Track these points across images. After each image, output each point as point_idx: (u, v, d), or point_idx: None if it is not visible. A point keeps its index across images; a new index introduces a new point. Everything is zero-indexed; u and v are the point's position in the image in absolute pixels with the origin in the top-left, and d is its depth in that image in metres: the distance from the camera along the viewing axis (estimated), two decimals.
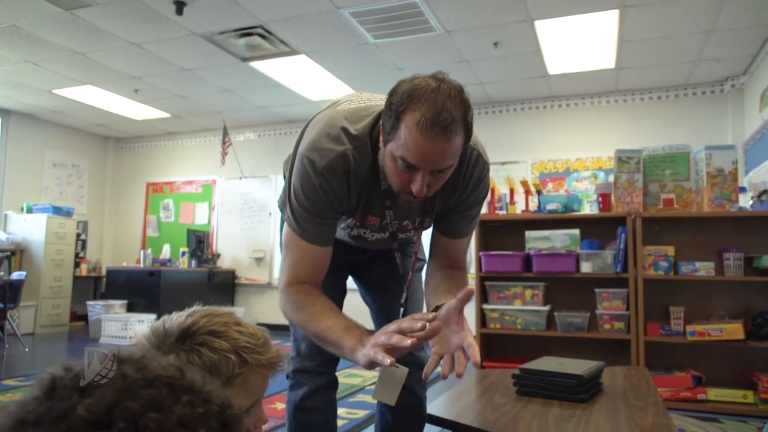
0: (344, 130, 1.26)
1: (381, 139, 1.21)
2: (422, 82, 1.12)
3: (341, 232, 1.44)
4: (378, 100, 1.36)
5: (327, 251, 1.33)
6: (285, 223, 1.37)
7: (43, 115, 7.00)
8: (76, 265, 7.06)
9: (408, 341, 1.03)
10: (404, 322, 1.08)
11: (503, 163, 5.91)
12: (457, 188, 1.36)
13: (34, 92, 6.06)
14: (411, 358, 1.47)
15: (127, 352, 0.51)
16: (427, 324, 1.05)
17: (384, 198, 1.33)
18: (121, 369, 0.49)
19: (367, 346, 1.09)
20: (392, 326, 1.09)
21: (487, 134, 6.25)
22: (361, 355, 1.10)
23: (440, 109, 1.08)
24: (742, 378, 3.09)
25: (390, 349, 1.06)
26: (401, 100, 1.12)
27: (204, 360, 0.82)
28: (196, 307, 0.91)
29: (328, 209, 1.28)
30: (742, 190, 3.30)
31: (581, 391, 1.66)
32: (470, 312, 2.27)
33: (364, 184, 1.30)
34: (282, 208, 1.50)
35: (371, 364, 1.08)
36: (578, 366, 1.78)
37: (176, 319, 0.87)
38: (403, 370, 1.11)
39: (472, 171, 1.35)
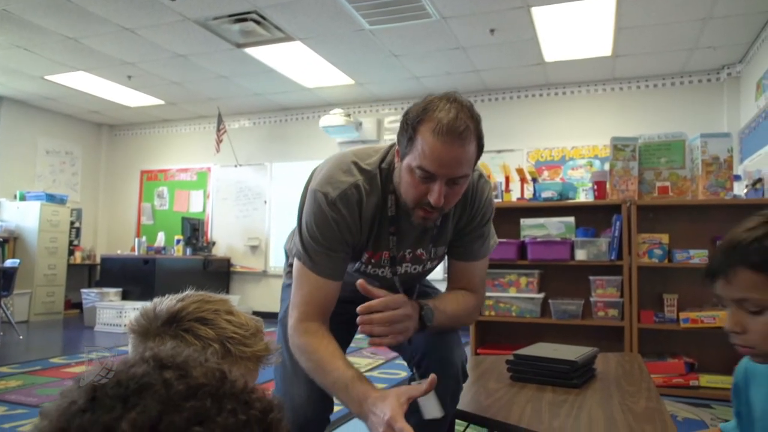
0: (355, 164, 1.33)
1: (396, 159, 1.29)
2: (435, 99, 1.21)
3: (350, 278, 1.41)
4: (383, 146, 1.44)
5: (336, 286, 1.34)
6: (295, 259, 1.37)
7: (35, 101, 6.93)
8: (71, 252, 7.03)
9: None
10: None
11: (499, 152, 5.90)
12: (466, 208, 1.41)
13: (26, 78, 6.00)
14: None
15: (167, 354, 0.50)
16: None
17: (390, 225, 1.36)
18: (162, 375, 0.47)
19: (378, 420, 1.08)
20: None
21: (483, 122, 6.21)
22: (372, 425, 1.11)
23: (455, 117, 1.16)
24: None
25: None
26: (417, 114, 1.20)
27: (188, 346, 0.81)
28: (190, 292, 0.90)
29: (339, 241, 1.30)
30: (737, 178, 3.30)
31: (574, 377, 1.67)
32: None
33: (374, 218, 1.34)
34: (288, 252, 1.55)
35: None
36: (572, 352, 1.79)
37: (167, 302, 0.86)
38: (425, 382, 1.14)
39: (479, 190, 1.41)
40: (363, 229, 1.33)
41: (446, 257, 1.52)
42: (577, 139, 5.76)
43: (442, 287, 1.56)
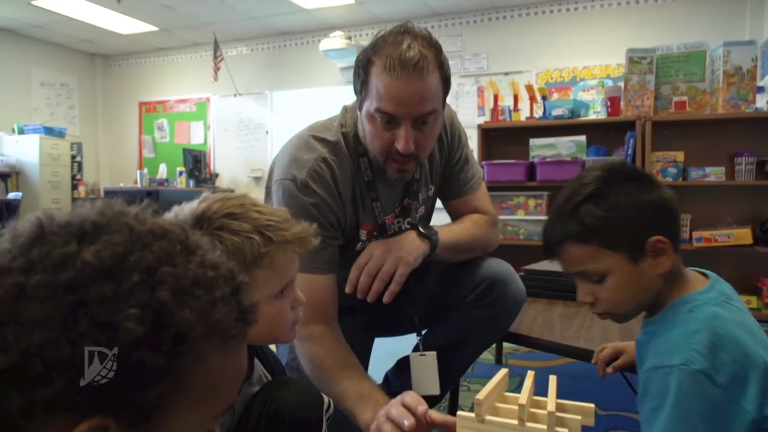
0: (314, 137, 1.19)
1: (357, 110, 1.15)
2: (385, 34, 1.08)
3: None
4: (337, 115, 1.28)
5: (333, 279, 1.17)
6: None
7: (25, 30, 6.67)
8: (74, 187, 6.99)
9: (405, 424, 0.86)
10: (394, 410, 0.89)
11: (506, 73, 5.66)
12: (443, 144, 1.29)
13: (11, 3, 5.73)
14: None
15: (121, 204, 0.45)
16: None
17: (370, 191, 1.21)
18: (123, 219, 0.43)
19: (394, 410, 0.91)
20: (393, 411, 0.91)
21: (489, 43, 5.96)
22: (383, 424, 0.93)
23: (407, 48, 1.02)
24: (747, 284, 3.06)
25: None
26: (366, 55, 1.07)
27: (226, 244, 0.75)
28: (205, 194, 0.85)
29: (323, 228, 1.14)
30: (760, 90, 3.13)
31: None
32: None
33: (354, 188, 1.19)
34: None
35: None
36: None
37: (187, 207, 0.81)
38: (432, 356, 1.05)
39: (446, 121, 1.29)
40: (346, 205, 1.19)
41: (440, 203, 1.40)
42: (589, 58, 5.50)
43: None
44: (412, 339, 1.26)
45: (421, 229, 1.22)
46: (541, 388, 0.68)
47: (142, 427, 0.40)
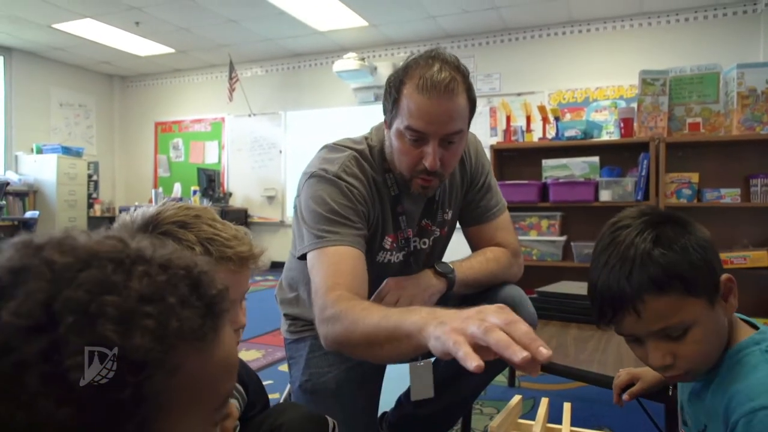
0: (340, 145, 1.23)
1: (385, 131, 1.18)
2: (416, 57, 1.13)
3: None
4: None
5: (363, 259, 1.12)
6: (308, 255, 1.14)
7: (45, 52, 6.83)
8: (90, 205, 7.08)
9: (520, 355, 0.64)
10: (517, 326, 0.69)
11: (519, 94, 5.68)
12: (465, 166, 1.32)
13: (33, 27, 5.88)
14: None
15: (42, 236, 0.41)
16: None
17: (396, 205, 1.24)
18: (41, 255, 0.38)
19: (444, 328, 0.76)
20: (491, 315, 0.74)
21: (502, 64, 6.00)
22: (433, 336, 0.77)
23: (438, 70, 1.07)
24: (765, 306, 3.01)
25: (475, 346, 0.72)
26: (397, 76, 1.12)
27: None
28: (169, 200, 0.86)
29: (356, 212, 1.14)
30: None
31: None
32: None
33: (382, 197, 1.22)
34: (283, 299, 1.43)
35: (445, 353, 0.75)
36: None
37: (144, 209, 0.81)
38: (428, 363, 1.06)
39: (470, 148, 1.33)
40: (374, 205, 1.20)
41: (461, 229, 1.40)
42: (602, 79, 5.51)
43: None
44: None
45: (437, 267, 1.22)
46: (554, 412, 0.67)
47: None
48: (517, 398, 0.68)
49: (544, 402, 0.66)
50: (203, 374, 0.42)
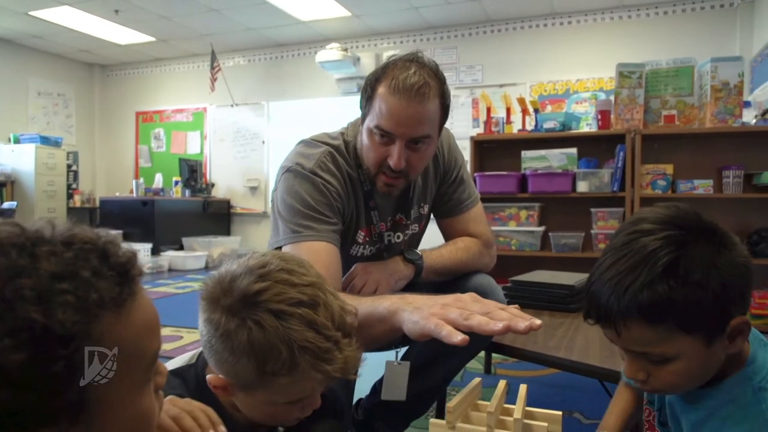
0: (315, 140, 1.25)
1: (360, 125, 1.21)
2: (396, 58, 1.15)
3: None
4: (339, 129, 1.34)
5: (337, 253, 1.16)
6: (284, 250, 1.17)
7: (23, 40, 6.71)
8: (69, 196, 7.00)
9: (499, 325, 0.80)
10: (497, 313, 0.84)
11: (501, 86, 5.72)
12: (438, 163, 1.34)
13: (9, 14, 5.77)
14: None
15: None
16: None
17: (369, 199, 1.26)
18: None
19: (422, 312, 0.86)
20: (470, 303, 0.88)
21: (484, 55, 6.02)
22: (409, 320, 0.87)
23: (413, 73, 1.09)
24: None
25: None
26: (375, 74, 1.14)
27: (265, 335, 0.69)
28: (275, 261, 0.75)
29: (330, 208, 1.17)
30: (747, 104, 3.18)
31: (572, 302, 1.63)
32: None
33: (354, 189, 1.24)
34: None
35: (423, 336, 0.86)
36: (570, 278, 1.76)
37: (247, 278, 0.72)
38: (405, 365, 1.08)
39: (443, 142, 1.35)
40: (348, 200, 1.23)
41: (434, 220, 1.43)
42: (582, 71, 5.57)
43: None
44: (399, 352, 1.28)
45: (405, 254, 1.25)
46: (528, 397, 0.70)
47: (80, 419, 0.41)
48: (476, 380, 0.71)
49: (501, 384, 0.69)
50: (128, 338, 0.44)
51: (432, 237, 1.46)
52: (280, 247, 1.17)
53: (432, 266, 1.26)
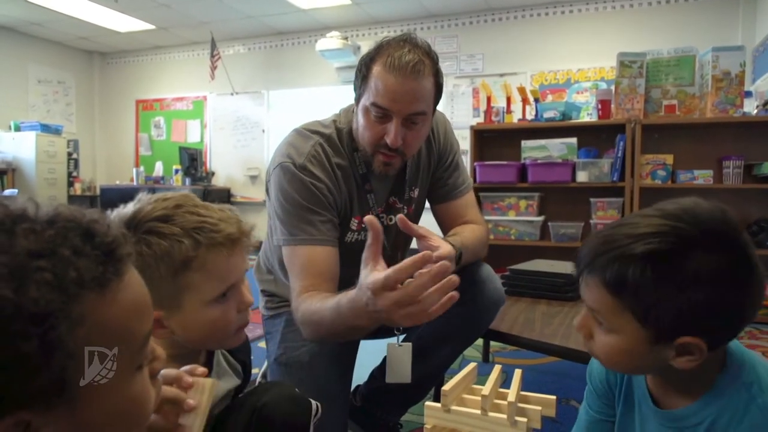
0: (307, 129, 1.26)
1: (354, 107, 1.23)
2: (390, 39, 1.17)
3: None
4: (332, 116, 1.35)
5: (334, 253, 1.19)
6: (282, 249, 1.21)
7: (22, 27, 6.68)
8: (70, 184, 7.00)
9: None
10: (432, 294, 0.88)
11: (502, 75, 5.70)
12: (432, 146, 1.36)
13: (9, 1, 5.74)
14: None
15: None
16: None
17: (365, 183, 1.28)
18: None
19: (399, 312, 0.89)
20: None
21: (485, 44, 5.99)
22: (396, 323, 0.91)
23: (407, 52, 1.12)
24: None
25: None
26: (369, 54, 1.16)
27: (155, 249, 0.75)
28: (140, 195, 0.82)
29: (323, 205, 1.19)
30: (748, 94, 3.17)
31: (569, 290, 1.65)
32: None
33: (347, 178, 1.25)
34: (260, 279, 1.46)
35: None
36: (567, 267, 1.77)
37: (119, 210, 0.79)
38: (407, 347, 1.09)
39: (435, 123, 1.36)
40: (341, 191, 1.25)
41: (429, 206, 1.43)
42: (583, 60, 5.55)
43: None
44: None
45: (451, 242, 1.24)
46: (525, 385, 0.71)
47: (61, 402, 0.41)
48: (472, 365, 0.72)
49: (496, 368, 0.70)
50: (112, 319, 0.43)
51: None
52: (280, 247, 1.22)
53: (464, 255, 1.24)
